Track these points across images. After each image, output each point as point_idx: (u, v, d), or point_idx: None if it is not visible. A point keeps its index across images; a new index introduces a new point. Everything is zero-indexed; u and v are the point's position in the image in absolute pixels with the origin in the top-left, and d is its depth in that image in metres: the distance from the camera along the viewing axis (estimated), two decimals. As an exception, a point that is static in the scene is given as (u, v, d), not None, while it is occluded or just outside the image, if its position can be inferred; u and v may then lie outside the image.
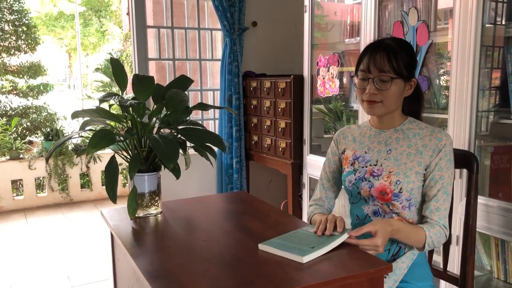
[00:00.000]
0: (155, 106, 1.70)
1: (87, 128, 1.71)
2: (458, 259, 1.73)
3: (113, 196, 1.47)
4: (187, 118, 1.75)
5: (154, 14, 3.65)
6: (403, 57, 1.42)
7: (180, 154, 1.53)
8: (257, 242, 1.39)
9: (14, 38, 6.33)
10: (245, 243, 1.41)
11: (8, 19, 6.28)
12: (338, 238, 1.32)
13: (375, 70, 1.42)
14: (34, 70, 6.53)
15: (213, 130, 3.65)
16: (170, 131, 1.71)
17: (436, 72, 2.19)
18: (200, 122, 1.83)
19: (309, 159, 2.94)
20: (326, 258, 1.27)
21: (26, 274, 3.28)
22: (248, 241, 1.42)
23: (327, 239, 1.32)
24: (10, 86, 6.43)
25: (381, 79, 1.42)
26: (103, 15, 19.54)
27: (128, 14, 7.85)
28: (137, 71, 3.34)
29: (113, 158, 1.52)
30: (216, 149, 1.74)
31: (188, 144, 1.71)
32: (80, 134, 1.66)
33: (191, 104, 3.34)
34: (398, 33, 2.23)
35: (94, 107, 1.67)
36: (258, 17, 3.61)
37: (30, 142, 5.80)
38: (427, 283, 1.52)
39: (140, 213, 1.66)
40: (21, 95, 6.49)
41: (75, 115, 1.68)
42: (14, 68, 6.43)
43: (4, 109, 6.23)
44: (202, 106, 1.80)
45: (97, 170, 5.36)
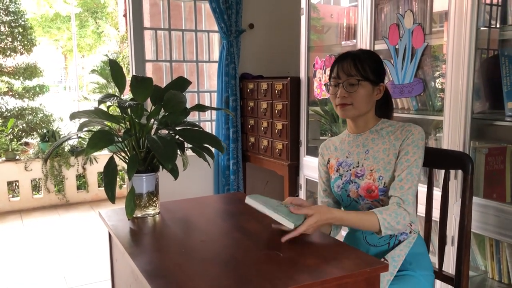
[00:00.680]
0: (153, 107, 1.71)
1: (85, 129, 1.72)
2: (453, 259, 1.74)
3: (112, 196, 1.47)
4: (185, 119, 1.77)
5: (151, 16, 3.66)
6: (369, 63, 1.56)
7: (178, 155, 1.54)
8: (254, 242, 1.41)
9: (10, 39, 6.33)
10: (242, 243, 1.42)
11: (4, 20, 6.27)
12: (287, 219, 1.38)
13: (344, 75, 1.56)
14: (30, 71, 6.52)
15: (210, 132, 3.66)
16: (168, 132, 1.72)
17: (431, 74, 2.21)
18: (197, 124, 1.84)
19: (305, 161, 2.96)
20: (323, 257, 1.29)
21: (22, 276, 3.27)
22: (245, 241, 1.44)
23: (286, 213, 1.40)
24: (6, 88, 6.42)
25: (349, 83, 1.55)
26: (99, 17, 19.51)
27: (124, 15, 7.86)
28: (134, 73, 3.35)
29: (111, 159, 1.53)
30: (213, 150, 1.76)
31: (186, 145, 1.72)
32: (78, 135, 1.67)
33: (189, 105, 3.35)
34: (394, 35, 2.26)
35: (93, 108, 1.68)
36: (255, 19, 3.63)
37: (26, 144, 5.79)
38: (428, 272, 1.57)
39: (138, 213, 1.67)
40: (17, 97, 6.48)
41: (74, 116, 1.69)
42: (10, 69, 6.42)
43: (0, 110, 6.22)
44: (200, 108, 1.82)
45: (93, 172, 5.36)
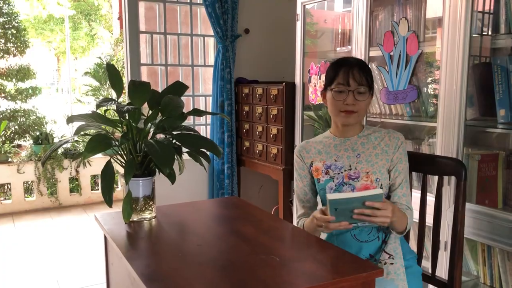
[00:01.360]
0: (150, 112, 1.72)
1: (82, 133, 1.73)
2: (446, 264, 1.77)
3: (109, 200, 1.48)
4: (182, 124, 1.78)
5: (146, 19, 3.67)
6: (370, 72, 1.64)
7: (175, 160, 1.55)
8: (251, 247, 1.42)
9: (3, 41, 6.29)
10: (239, 248, 1.43)
11: (-3, 22, 6.24)
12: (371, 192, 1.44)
13: (354, 83, 1.59)
14: (23, 73, 6.48)
15: (205, 136, 3.67)
16: (165, 136, 1.73)
17: (424, 80, 2.24)
18: (193, 128, 1.85)
19: (300, 165, 2.97)
20: (319, 261, 1.30)
21: (14, 279, 3.25)
22: (242, 245, 1.45)
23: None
24: (-1, 89, 6.38)
25: (359, 91, 1.60)
26: (93, 19, 19.47)
27: (119, 18, 7.86)
28: (129, 76, 3.36)
29: (109, 163, 1.54)
30: (209, 154, 1.77)
31: (182, 149, 1.73)
32: (74, 139, 1.67)
33: (184, 109, 3.36)
34: (388, 42, 2.28)
35: (90, 112, 1.69)
36: (250, 24, 3.65)
37: (19, 146, 5.76)
38: (412, 255, 1.68)
39: (134, 217, 1.67)
40: (9, 98, 6.43)
41: (71, 120, 1.70)
42: (3, 71, 6.38)
43: (-8, 112, 6.18)
44: (197, 112, 1.83)
45: (86, 175, 5.34)
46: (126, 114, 1.60)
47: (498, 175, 1.97)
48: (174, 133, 1.68)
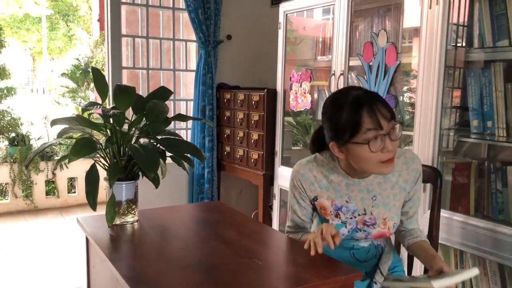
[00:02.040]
0: (134, 116, 1.74)
1: (64, 136, 1.73)
2: (421, 269, 1.83)
3: (93, 203, 1.49)
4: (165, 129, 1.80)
5: (129, 23, 3.67)
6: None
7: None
8: (233, 250, 1.45)
9: (-21, 40, 6.16)
10: (222, 251, 1.46)
11: (-27, 20, 6.11)
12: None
13: (385, 123, 1.27)
14: (-2, 73, 6.36)
15: (185, 139, 3.68)
16: (149, 141, 1.75)
17: (401, 90, 2.32)
18: (176, 132, 1.87)
19: (280, 171, 3.02)
20: (300, 265, 1.34)
21: (-12, 283, 3.19)
22: (224, 249, 1.47)
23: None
24: (-27, 89, 6.24)
25: (392, 128, 1.28)
26: (71, 20, 19.20)
27: (99, 20, 7.79)
28: (110, 79, 3.34)
29: (93, 166, 1.55)
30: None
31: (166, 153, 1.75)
32: (58, 142, 1.68)
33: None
34: (368, 53, 2.35)
35: (74, 115, 1.69)
36: (233, 30, 3.69)
37: (-7, 147, 5.64)
38: (399, 262, 1.66)
39: (117, 220, 1.68)
40: (-17, 99, 6.30)
41: (55, 123, 1.70)
42: (-22, 70, 6.25)
43: (-34, 112, 6.04)
44: (181, 117, 1.86)
45: (63, 177, 5.27)
46: (111, 119, 1.62)
47: (470, 183, 2.05)
48: (159, 137, 1.70)
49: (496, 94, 1.91)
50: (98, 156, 1.68)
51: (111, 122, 1.62)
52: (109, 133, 1.68)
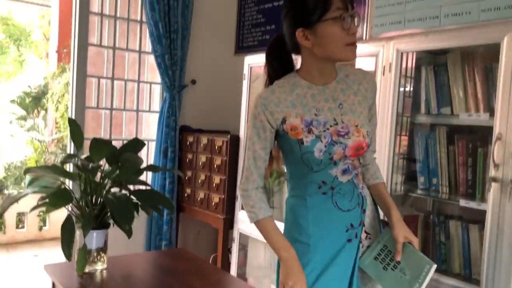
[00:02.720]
0: (106, 165, 1.81)
1: (39, 186, 1.76)
2: None
3: (68, 254, 1.54)
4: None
5: (94, 63, 3.72)
6: None
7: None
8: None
9: None
10: (192, 302, 1.53)
11: None
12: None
13: (350, 6, 1.32)
14: None
15: (145, 180, 3.70)
16: (120, 190, 1.82)
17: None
18: (146, 182, 1.95)
19: (240, 215, 3.12)
20: None
21: None
22: (195, 299, 1.55)
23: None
24: None
25: (356, 16, 1.31)
26: (23, 45, 18.73)
27: (57, 51, 7.72)
28: (73, 118, 3.36)
29: (69, 218, 1.60)
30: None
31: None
32: (30, 192, 1.71)
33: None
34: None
35: (50, 165, 1.74)
36: (198, 75, 3.82)
37: None
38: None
39: (86, 268, 1.72)
40: None
41: (28, 171, 1.74)
42: None
43: None
44: (153, 168, 1.94)
45: (12, 212, 5.10)
46: (86, 170, 1.68)
47: (418, 235, 2.23)
48: (131, 187, 1.78)
49: (440, 155, 2.13)
50: (71, 204, 1.73)
51: (87, 173, 1.68)
52: (83, 183, 1.74)
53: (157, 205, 1.76)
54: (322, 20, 1.30)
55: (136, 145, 1.89)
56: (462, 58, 2.07)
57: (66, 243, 1.54)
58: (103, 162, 1.81)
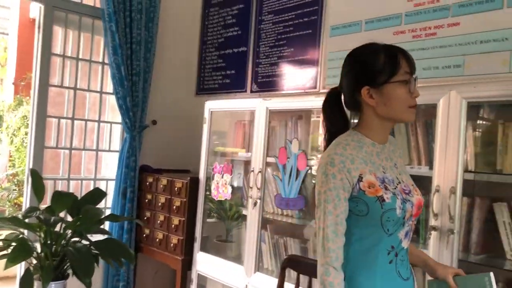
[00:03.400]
0: (67, 216, 1.84)
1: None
2: None
3: (27, 309, 1.54)
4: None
5: (55, 103, 3.73)
6: None
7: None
8: None
9: None
10: None
11: None
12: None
13: (414, 70, 1.38)
14: None
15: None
16: (80, 240, 1.85)
17: (311, 192, 2.64)
18: (107, 230, 1.99)
19: (199, 256, 3.16)
20: None
21: None
22: None
23: None
24: None
25: (417, 80, 1.38)
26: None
27: (14, 83, 7.58)
28: (31, 159, 3.32)
29: (28, 271, 1.62)
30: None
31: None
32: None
33: (86, 192, 3.38)
34: (282, 156, 2.68)
35: (8, 216, 1.76)
36: (158, 116, 3.90)
37: None
38: None
39: (43, 321, 1.73)
40: None
41: (-12, 223, 1.75)
42: None
43: None
44: (114, 218, 1.99)
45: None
46: (47, 223, 1.71)
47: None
48: (93, 239, 1.82)
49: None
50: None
51: (48, 225, 1.71)
52: (43, 234, 1.77)
53: (117, 256, 1.80)
54: (391, 81, 1.33)
55: (98, 195, 1.94)
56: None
57: (26, 297, 1.55)
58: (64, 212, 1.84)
